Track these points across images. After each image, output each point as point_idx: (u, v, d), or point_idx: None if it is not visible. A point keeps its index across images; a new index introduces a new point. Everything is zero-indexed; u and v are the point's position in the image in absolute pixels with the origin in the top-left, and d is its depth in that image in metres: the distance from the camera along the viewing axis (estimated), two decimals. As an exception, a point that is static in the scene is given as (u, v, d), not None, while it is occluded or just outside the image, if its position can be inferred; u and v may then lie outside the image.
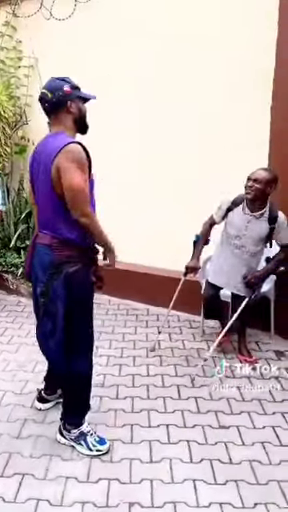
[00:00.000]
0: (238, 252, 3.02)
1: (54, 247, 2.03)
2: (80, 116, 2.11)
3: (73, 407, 2.30)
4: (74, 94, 2.07)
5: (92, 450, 2.22)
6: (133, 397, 2.72)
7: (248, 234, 2.97)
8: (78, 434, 2.25)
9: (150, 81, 3.95)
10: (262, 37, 3.39)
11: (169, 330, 3.73)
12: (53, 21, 4.28)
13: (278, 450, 2.27)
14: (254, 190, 2.87)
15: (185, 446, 2.28)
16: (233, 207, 3.06)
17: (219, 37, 3.60)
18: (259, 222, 2.95)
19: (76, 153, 1.95)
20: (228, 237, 3.07)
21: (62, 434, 2.31)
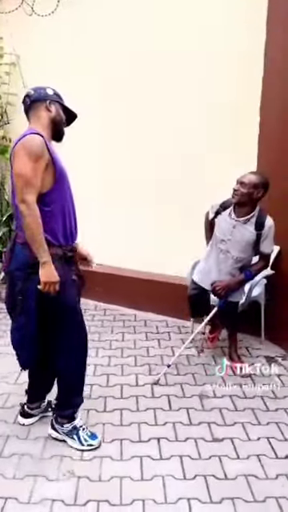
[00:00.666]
0: (223, 257, 2.93)
1: (28, 245, 1.96)
2: (58, 119, 2.11)
3: (64, 401, 2.30)
4: (56, 98, 2.12)
5: (84, 445, 2.23)
6: (121, 409, 2.60)
7: (233, 238, 2.87)
8: (71, 428, 2.26)
9: (132, 77, 3.85)
10: (250, 41, 3.33)
11: (157, 335, 3.63)
12: (35, 17, 4.13)
13: (274, 462, 2.18)
14: (239, 193, 2.77)
15: (177, 462, 2.18)
16: (221, 210, 2.98)
17: (205, 37, 3.53)
18: (245, 227, 2.84)
19: (30, 141, 1.91)
20: (216, 240, 2.99)
21: (54, 428, 2.31)
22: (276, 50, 3.24)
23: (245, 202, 2.81)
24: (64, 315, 2.13)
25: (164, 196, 3.88)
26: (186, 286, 3.54)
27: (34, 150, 1.89)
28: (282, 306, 3.39)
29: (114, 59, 3.96)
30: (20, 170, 1.89)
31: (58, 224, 2.03)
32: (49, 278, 1.95)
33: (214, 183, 3.42)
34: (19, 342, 2.17)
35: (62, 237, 2.06)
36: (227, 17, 3.43)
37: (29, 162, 1.88)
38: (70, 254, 2.11)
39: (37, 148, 1.90)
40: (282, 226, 3.19)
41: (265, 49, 3.29)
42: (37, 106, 2.08)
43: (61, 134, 2.15)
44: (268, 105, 3.35)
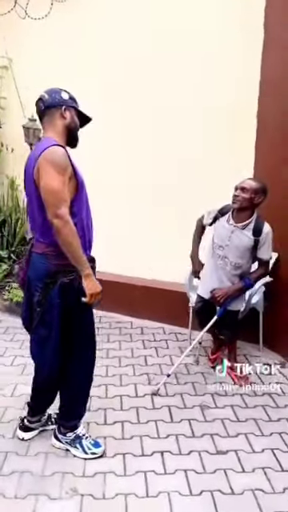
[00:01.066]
0: (222, 263, 2.90)
1: (49, 256, 1.99)
2: (72, 126, 2.06)
3: (69, 411, 2.27)
4: (71, 103, 2.06)
5: (87, 453, 2.22)
6: (122, 421, 2.55)
7: (231, 244, 2.85)
8: (74, 437, 2.25)
9: (127, 81, 3.81)
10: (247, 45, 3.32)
11: (155, 343, 3.58)
12: (28, 20, 4.07)
13: (280, 476, 2.15)
14: (240, 199, 2.77)
15: (182, 476, 2.13)
16: (219, 216, 2.96)
17: (201, 42, 3.51)
18: (243, 233, 2.83)
19: (55, 154, 1.88)
20: (214, 247, 2.96)
21: (56, 438, 2.29)
22: (273, 54, 3.24)
23: (245, 207, 2.80)
24: (81, 326, 2.12)
25: (161, 202, 3.84)
26: (182, 292, 3.52)
27: (59, 163, 1.87)
28: (280, 313, 3.38)
29: (108, 63, 3.92)
30: (50, 186, 1.85)
31: (80, 235, 1.97)
32: (95, 290, 1.96)
33: (211, 188, 3.41)
34: (39, 356, 2.15)
35: (84, 248, 2.00)
36: (224, 21, 3.42)
37: (57, 175, 1.85)
38: (91, 264, 2.06)
39: (62, 161, 1.88)
40: (280, 233, 3.19)
41: (262, 53, 3.28)
42: (51, 113, 2.02)
43: (75, 140, 2.10)
44: (265, 109, 3.34)
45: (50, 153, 1.88)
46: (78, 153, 2.11)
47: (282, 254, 3.34)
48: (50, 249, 1.99)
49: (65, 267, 1.96)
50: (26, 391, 2.78)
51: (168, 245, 3.82)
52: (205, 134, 3.63)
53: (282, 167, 3.27)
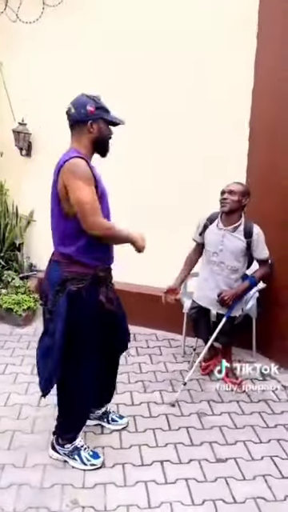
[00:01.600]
0: (218, 269, 2.91)
1: (62, 263, 2.02)
2: (100, 138, 2.05)
3: (67, 422, 2.24)
4: (98, 115, 2.01)
5: (86, 465, 2.19)
6: (120, 430, 2.52)
7: (224, 248, 2.88)
8: (72, 448, 2.21)
9: (119, 87, 3.79)
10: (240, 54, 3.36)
11: (148, 350, 3.56)
12: (19, 23, 4.03)
13: (281, 483, 2.16)
14: (229, 202, 2.82)
15: (184, 486, 2.11)
16: (208, 224, 2.99)
17: (195, 52, 3.54)
18: (234, 235, 2.87)
19: (78, 167, 1.91)
20: (207, 255, 2.98)
21: (54, 449, 2.26)
22: (266, 64, 3.28)
23: (234, 210, 2.84)
24: (86, 336, 2.08)
25: (156, 212, 3.83)
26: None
27: (84, 175, 1.90)
28: (273, 319, 3.41)
29: (99, 67, 3.91)
30: (81, 198, 1.88)
31: (98, 244, 2.01)
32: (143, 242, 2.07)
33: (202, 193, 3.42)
34: (41, 366, 2.11)
35: (99, 258, 2.03)
36: (217, 31, 3.45)
37: (86, 187, 1.89)
38: (102, 274, 2.07)
39: (86, 171, 1.91)
40: (272, 240, 3.21)
41: (255, 63, 3.32)
42: (78, 127, 2.03)
43: (105, 150, 2.11)
44: (257, 121, 3.38)
45: (73, 165, 1.90)
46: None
47: (275, 261, 3.37)
48: (63, 257, 2.02)
49: (75, 275, 1.99)
50: (19, 401, 2.76)
51: (162, 251, 3.81)
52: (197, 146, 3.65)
53: (274, 175, 3.31)
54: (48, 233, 4.79)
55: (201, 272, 3.09)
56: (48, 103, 4.25)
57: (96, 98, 2.03)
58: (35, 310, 4.11)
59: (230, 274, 2.90)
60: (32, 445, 2.36)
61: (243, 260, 2.92)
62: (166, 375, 3.17)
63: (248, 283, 2.88)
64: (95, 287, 2.04)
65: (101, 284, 2.07)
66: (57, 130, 4.28)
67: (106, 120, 2.03)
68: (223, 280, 2.92)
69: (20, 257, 4.49)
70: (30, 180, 4.53)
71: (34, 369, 3.19)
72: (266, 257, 2.92)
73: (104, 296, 2.07)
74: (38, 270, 4.59)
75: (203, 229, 3.00)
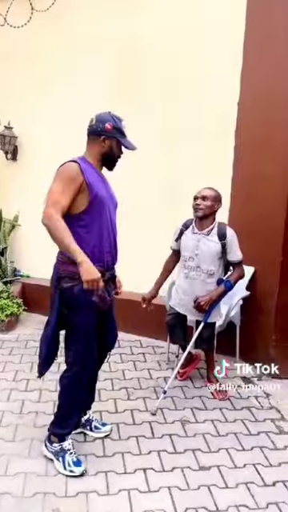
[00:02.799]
0: (194, 274, 2.93)
1: (59, 261, 2.14)
2: (109, 154, 2.17)
3: (61, 419, 2.28)
4: (113, 134, 2.13)
5: (65, 469, 2.20)
6: (103, 438, 2.50)
7: (200, 252, 2.90)
8: (59, 449, 2.24)
9: (109, 92, 3.82)
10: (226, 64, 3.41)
11: (132, 357, 3.55)
12: (7, 28, 4.01)
13: (263, 491, 2.16)
14: (202, 207, 2.87)
15: (167, 494, 2.10)
16: (184, 229, 3.02)
17: (184, 60, 3.58)
18: (208, 239, 2.90)
19: (64, 167, 2.06)
20: (183, 260, 3.00)
21: (46, 445, 2.31)
22: (252, 75, 3.33)
23: (207, 214, 2.89)
24: (73, 334, 2.20)
25: (139, 218, 3.84)
26: (159, 304, 3.51)
27: (64, 174, 2.03)
28: (256, 326, 3.44)
29: (87, 73, 3.93)
30: (50, 190, 2.02)
31: (90, 245, 2.09)
32: (89, 276, 1.93)
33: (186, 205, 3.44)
34: (39, 351, 2.26)
35: (93, 259, 2.03)
36: (204, 41, 3.50)
37: (59, 182, 2.02)
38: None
39: (68, 172, 2.03)
40: (255, 248, 3.27)
41: (241, 73, 3.37)
42: (92, 138, 2.16)
43: (111, 165, 2.23)
44: (243, 128, 3.42)
45: (62, 167, 2.07)
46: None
47: (258, 269, 3.41)
48: (60, 255, 2.14)
49: (68, 273, 2.07)
50: (0, 408, 2.72)
51: (146, 257, 3.82)
52: (185, 150, 3.68)
53: (259, 183, 3.35)
54: (33, 237, 4.79)
55: (177, 278, 3.11)
56: (35, 107, 4.25)
57: (118, 120, 2.15)
58: (18, 315, 4.07)
59: (206, 278, 2.91)
60: (13, 453, 2.33)
61: (219, 263, 2.93)
62: (150, 382, 3.17)
63: (223, 287, 2.89)
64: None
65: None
66: (43, 134, 4.32)
67: (119, 141, 2.15)
68: (200, 285, 2.92)
69: (3, 261, 4.45)
70: (15, 184, 4.51)
71: (16, 375, 3.17)
72: (239, 259, 2.94)
73: (97, 296, 2.09)
74: (22, 275, 4.55)
75: (179, 235, 3.03)
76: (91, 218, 2.09)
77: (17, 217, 4.55)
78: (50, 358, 2.23)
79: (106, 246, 2.16)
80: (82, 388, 2.28)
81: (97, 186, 2.10)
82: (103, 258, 2.15)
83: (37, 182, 4.25)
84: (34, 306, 4.32)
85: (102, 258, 2.14)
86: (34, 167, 4.34)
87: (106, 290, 2.16)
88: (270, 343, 3.33)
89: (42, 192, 2.15)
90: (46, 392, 2.93)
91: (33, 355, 3.48)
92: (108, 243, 2.17)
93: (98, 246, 2.12)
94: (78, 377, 2.22)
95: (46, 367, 2.25)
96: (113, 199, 2.26)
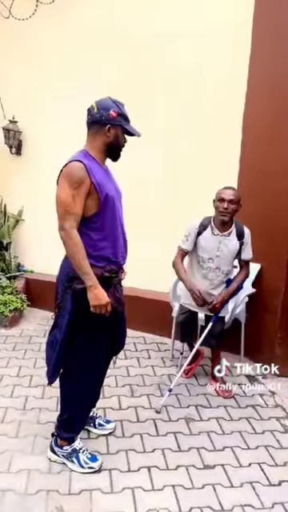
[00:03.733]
0: (214, 275, 2.89)
1: (70, 261, 1.99)
2: (115, 144, 2.05)
3: (66, 424, 2.22)
4: (118, 122, 2.00)
5: (84, 467, 2.17)
6: (106, 435, 2.48)
7: (221, 254, 2.86)
8: (71, 450, 2.20)
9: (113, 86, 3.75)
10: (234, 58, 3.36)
11: (136, 353, 3.53)
12: (12, 20, 3.97)
13: (268, 490, 2.14)
14: (230, 211, 2.78)
15: (171, 493, 2.08)
16: (202, 230, 2.93)
17: (192, 53, 3.53)
18: (229, 239, 2.86)
19: (70, 169, 1.93)
20: (200, 261, 2.92)
21: (53, 451, 2.24)
22: (260, 67, 3.28)
23: (232, 217, 2.83)
24: (84, 337, 2.08)
25: (142, 212, 3.81)
26: (163, 301, 3.50)
27: (72, 177, 1.91)
28: (261, 323, 3.41)
29: (91, 66, 3.88)
30: (60, 198, 1.92)
31: (102, 246, 2.02)
32: (98, 302, 1.94)
33: (195, 200, 3.41)
34: (48, 357, 2.14)
35: (105, 258, 2.03)
36: (212, 36, 3.44)
37: (68, 188, 1.91)
38: (107, 274, 2.04)
39: (76, 174, 1.91)
40: (262, 244, 3.22)
41: (249, 66, 3.31)
42: (96, 128, 2.02)
43: (116, 155, 2.10)
44: (250, 125, 3.38)
45: (67, 168, 1.94)
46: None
47: (265, 266, 3.37)
48: None
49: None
50: (4, 404, 2.71)
51: (152, 254, 3.79)
52: (190, 145, 3.64)
53: (265, 179, 3.31)
54: (37, 232, 4.78)
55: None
56: (39, 101, 4.21)
57: (120, 105, 2.03)
58: (22, 310, 4.06)
59: (223, 278, 2.91)
60: (16, 449, 2.31)
61: (233, 262, 2.93)
62: (154, 379, 3.14)
63: (235, 288, 2.87)
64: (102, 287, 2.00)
65: (108, 285, 2.04)
66: (48, 129, 4.28)
67: (123, 128, 2.03)
68: (213, 284, 2.90)
69: (7, 256, 4.43)
70: (19, 179, 4.48)
71: (20, 371, 3.15)
72: (250, 258, 2.92)
73: (112, 296, 2.04)
74: (26, 271, 4.54)
75: (196, 236, 2.93)
76: (102, 219, 2.00)
77: (21, 212, 4.52)
78: (61, 364, 2.13)
79: (119, 246, 2.10)
80: (87, 392, 2.23)
81: (105, 185, 2.00)
82: (117, 259, 2.09)
83: (41, 177, 4.25)
84: (38, 301, 4.31)
85: (116, 259, 2.08)
86: (39, 162, 4.31)
87: (120, 291, 2.13)
88: (276, 341, 3.29)
89: (47, 187, 2.12)
90: (49, 388, 2.89)
91: (36, 351, 3.47)
92: (121, 243, 2.11)
93: (112, 248, 2.05)
94: (83, 381, 2.16)
95: (56, 373, 2.15)
96: (118, 192, 2.17)
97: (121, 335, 2.33)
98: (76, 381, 2.16)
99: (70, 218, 1.91)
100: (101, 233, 2.01)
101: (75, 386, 2.17)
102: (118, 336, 2.29)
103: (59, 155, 2.18)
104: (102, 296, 1.94)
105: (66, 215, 1.91)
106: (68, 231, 1.90)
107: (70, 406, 2.21)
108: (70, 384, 2.18)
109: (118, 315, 2.18)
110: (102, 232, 2.02)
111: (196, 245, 2.94)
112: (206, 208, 2.95)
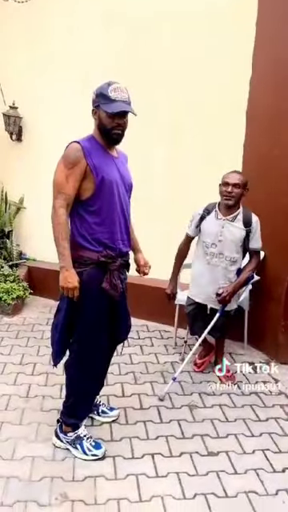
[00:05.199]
0: (217, 260, 2.85)
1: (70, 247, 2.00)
2: (101, 126, 2.00)
3: (71, 409, 2.22)
4: (96, 102, 1.98)
5: (87, 455, 2.17)
6: (110, 423, 2.48)
7: (224, 239, 2.81)
8: (75, 437, 2.20)
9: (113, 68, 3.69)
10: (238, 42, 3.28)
11: (139, 341, 3.53)
12: (11, 3, 3.88)
13: (272, 477, 2.14)
14: (234, 195, 2.74)
15: (175, 479, 2.08)
16: (205, 215, 2.90)
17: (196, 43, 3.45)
18: (233, 225, 2.81)
19: (67, 150, 1.97)
20: (204, 247, 2.89)
21: (58, 437, 2.25)
22: (264, 51, 3.21)
23: (237, 202, 2.79)
24: (81, 321, 2.09)
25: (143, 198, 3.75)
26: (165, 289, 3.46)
27: (67, 157, 1.95)
28: (265, 311, 3.38)
29: (94, 50, 3.81)
30: (55, 178, 1.97)
31: (99, 230, 2.02)
32: (65, 284, 1.94)
33: (199, 188, 3.37)
34: (52, 338, 2.19)
35: (102, 243, 2.03)
36: (216, 17, 3.36)
37: (63, 168, 1.94)
38: (103, 259, 2.03)
39: (71, 155, 1.94)
40: (265, 231, 3.17)
41: (253, 50, 3.24)
42: (92, 113, 2.04)
43: (109, 138, 2.03)
44: (254, 110, 3.32)
45: (66, 149, 1.98)
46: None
47: (268, 252, 3.34)
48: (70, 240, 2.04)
49: (78, 259, 2.01)
50: (7, 391, 2.71)
51: (151, 241, 3.75)
52: (194, 131, 3.58)
53: (270, 166, 3.26)
54: (38, 220, 4.73)
55: (195, 266, 3.00)
56: (39, 86, 4.15)
57: (105, 85, 1.95)
58: (24, 298, 4.04)
59: (228, 266, 2.84)
60: (20, 436, 2.32)
61: (241, 250, 2.87)
62: (158, 367, 3.14)
63: (245, 277, 2.83)
64: (98, 272, 2.02)
65: (103, 270, 2.04)
66: (49, 114, 4.22)
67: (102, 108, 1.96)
68: (222, 272, 2.85)
69: (9, 244, 4.40)
70: (20, 166, 4.43)
71: (22, 359, 3.15)
72: (260, 246, 2.88)
73: (108, 283, 2.04)
74: (28, 259, 4.52)
75: (200, 220, 2.91)
76: (99, 203, 2.00)
77: (22, 199, 4.49)
78: (65, 345, 2.18)
79: (116, 232, 2.08)
80: (90, 378, 2.23)
81: (103, 168, 1.98)
82: (114, 245, 2.08)
83: (42, 164, 4.18)
84: (40, 289, 4.30)
85: (112, 244, 2.07)
86: (40, 148, 4.26)
87: (118, 277, 2.10)
88: (279, 329, 3.27)
89: (48, 174, 2.09)
90: (52, 376, 2.91)
91: (39, 339, 3.47)
92: (119, 229, 2.09)
93: (109, 233, 2.05)
94: (85, 367, 2.17)
95: (60, 355, 2.19)
96: (125, 180, 2.13)
97: (123, 323, 2.31)
98: (80, 367, 2.16)
99: (61, 197, 1.94)
100: (97, 217, 2.01)
101: (80, 371, 2.17)
102: (119, 324, 2.27)
103: (61, 141, 2.14)
104: (71, 279, 1.94)
105: (58, 194, 1.94)
106: (55, 209, 1.94)
107: (74, 392, 2.21)
108: (75, 370, 2.18)
109: (117, 303, 2.16)
110: (99, 216, 2.01)
111: (201, 231, 2.91)
112: (210, 196, 2.92)
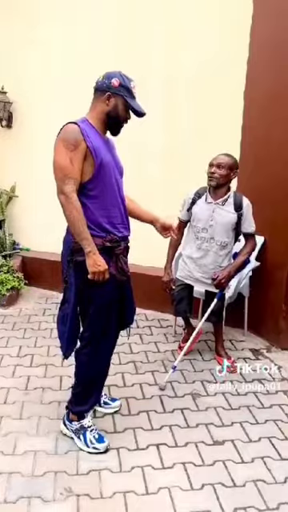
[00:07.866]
0: (207, 245, 2.80)
1: (70, 233, 1.95)
2: (113, 114, 1.95)
3: (79, 397, 2.19)
4: (119, 91, 1.92)
5: (88, 447, 2.13)
6: (112, 414, 2.42)
7: (214, 223, 2.76)
8: (79, 427, 2.17)
9: (110, 56, 3.58)
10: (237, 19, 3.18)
11: (138, 330, 3.47)
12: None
13: (280, 464, 2.10)
14: (217, 176, 2.71)
15: (181, 470, 2.04)
16: (196, 198, 2.86)
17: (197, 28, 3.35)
18: (224, 209, 2.76)
19: (64, 131, 1.88)
20: (195, 232, 2.85)
21: (64, 424, 2.24)
22: (262, 33, 3.12)
23: (223, 183, 2.74)
24: (91, 309, 2.03)
25: (142, 186, 3.67)
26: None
27: (67, 138, 1.85)
28: (265, 298, 3.34)
29: (88, 35, 3.69)
30: (57, 162, 1.86)
31: (100, 214, 1.95)
32: (96, 268, 1.88)
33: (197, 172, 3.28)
34: (60, 331, 2.11)
35: (104, 228, 1.95)
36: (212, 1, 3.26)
37: (65, 150, 1.84)
38: (108, 244, 1.96)
39: (70, 136, 1.84)
40: (266, 217, 3.13)
41: (251, 34, 3.15)
42: (97, 96, 1.96)
43: (115, 128, 2.01)
44: (252, 92, 3.23)
45: (62, 130, 1.88)
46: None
47: (268, 238, 3.28)
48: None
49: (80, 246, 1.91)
50: (5, 384, 2.64)
51: (148, 228, 3.68)
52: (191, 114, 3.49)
53: (268, 150, 3.19)
54: (31, 208, 4.63)
55: (185, 250, 2.96)
56: (30, 70, 4.02)
57: (126, 78, 1.94)
58: (19, 289, 3.96)
59: (219, 250, 2.80)
60: (21, 431, 2.25)
61: (232, 235, 2.82)
62: (158, 355, 3.09)
63: (241, 261, 2.78)
64: (104, 258, 1.93)
65: (109, 255, 1.97)
66: (40, 99, 4.09)
67: (125, 101, 1.94)
68: (212, 256, 2.81)
69: (2, 234, 4.29)
70: (11, 153, 4.31)
71: (20, 351, 3.08)
72: (253, 230, 2.82)
73: (114, 268, 1.98)
74: (22, 249, 4.42)
75: (191, 204, 2.87)
76: (98, 187, 1.93)
77: (14, 187, 4.36)
78: (75, 337, 2.11)
79: (117, 216, 2.01)
80: (102, 364, 2.20)
81: (101, 151, 1.92)
82: (116, 229, 2.01)
83: (34, 151, 4.09)
84: (35, 280, 4.22)
85: (114, 229, 2.00)
86: (31, 134, 4.13)
87: (123, 261, 2.05)
88: (280, 315, 3.23)
89: (41, 161, 2.00)
90: (51, 367, 2.85)
91: (36, 330, 3.40)
92: (119, 213, 2.02)
93: (109, 217, 1.97)
94: (98, 353, 2.13)
95: (71, 347, 2.11)
96: (118, 165, 2.08)
97: (129, 307, 2.28)
98: (93, 354, 2.11)
99: (70, 182, 1.84)
100: (97, 201, 1.94)
101: (91, 358, 2.12)
102: (126, 308, 2.24)
103: (52, 127, 2.05)
104: (100, 262, 1.89)
105: (65, 179, 1.84)
106: (67, 195, 1.84)
107: (83, 379, 2.17)
108: (87, 357, 2.12)
109: (123, 286, 2.13)
110: (98, 200, 1.94)
111: (192, 214, 2.86)
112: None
